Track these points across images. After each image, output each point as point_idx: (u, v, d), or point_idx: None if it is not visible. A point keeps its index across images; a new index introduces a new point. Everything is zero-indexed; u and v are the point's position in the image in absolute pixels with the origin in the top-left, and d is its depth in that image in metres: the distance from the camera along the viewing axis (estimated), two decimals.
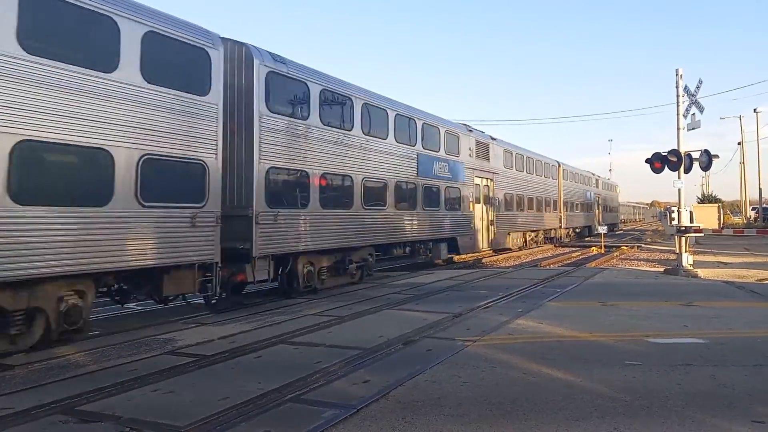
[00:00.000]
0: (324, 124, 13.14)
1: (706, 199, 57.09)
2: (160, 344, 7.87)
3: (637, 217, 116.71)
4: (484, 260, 25.37)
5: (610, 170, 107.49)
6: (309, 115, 12.67)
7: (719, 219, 40.44)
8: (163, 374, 6.31)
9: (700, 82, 18.12)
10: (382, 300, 11.68)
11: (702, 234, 19.70)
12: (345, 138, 13.93)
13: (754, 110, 48.55)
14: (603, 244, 31.06)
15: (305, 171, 12.44)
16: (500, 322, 8.97)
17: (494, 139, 24.38)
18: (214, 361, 6.89)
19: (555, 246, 34.50)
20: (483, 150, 22.81)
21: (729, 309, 10.20)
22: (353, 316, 9.86)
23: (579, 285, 14.03)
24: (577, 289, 13.35)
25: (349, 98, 14.24)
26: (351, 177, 14.05)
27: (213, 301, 10.27)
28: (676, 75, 18.07)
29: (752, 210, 57.36)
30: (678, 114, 17.87)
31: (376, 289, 13.72)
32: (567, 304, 10.99)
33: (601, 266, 21.66)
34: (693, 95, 17.88)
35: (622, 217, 76.08)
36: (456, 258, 22.34)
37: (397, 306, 10.92)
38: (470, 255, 23.61)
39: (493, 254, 27.68)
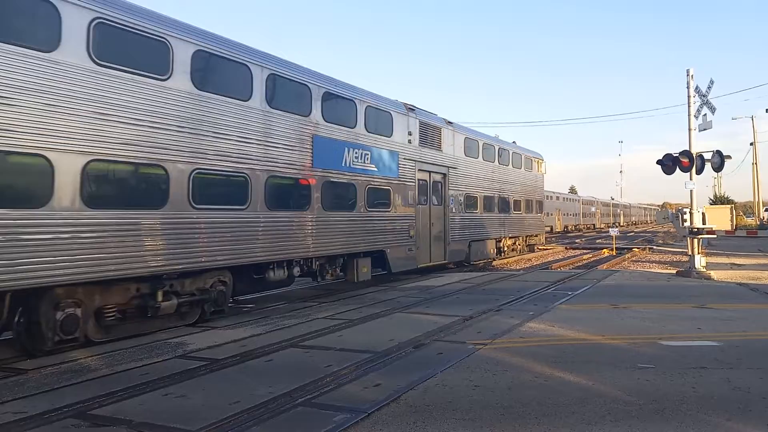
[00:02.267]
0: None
1: (719, 200, 56.71)
2: (171, 348, 7.89)
3: (648, 219, 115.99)
4: (494, 263, 25.28)
5: (621, 172, 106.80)
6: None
7: (732, 220, 40.12)
8: (175, 378, 6.32)
9: (712, 82, 18.00)
10: (392, 303, 11.66)
11: (715, 236, 19.56)
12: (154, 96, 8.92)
13: (766, 110, 48.24)
14: (614, 246, 30.89)
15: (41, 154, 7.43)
16: (512, 325, 8.92)
17: (450, 123, 19.28)
18: (225, 364, 6.90)
19: (566, 248, 34.32)
20: (432, 136, 17.75)
21: (743, 311, 10.10)
22: (363, 319, 9.85)
23: (591, 287, 13.94)
24: (588, 291, 13.27)
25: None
26: (163, 167, 9.00)
27: None
28: (687, 75, 17.96)
29: (765, 211, 56.86)
30: (689, 115, 17.74)
31: (386, 292, 13.70)
32: (579, 306, 10.92)
33: (613, 268, 21.53)
34: (704, 95, 17.75)
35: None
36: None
37: (407, 309, 10.89)
38: (480, 257, 22.77)
39: (503, 257, 27.57)
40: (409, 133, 16.31)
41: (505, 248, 24.10)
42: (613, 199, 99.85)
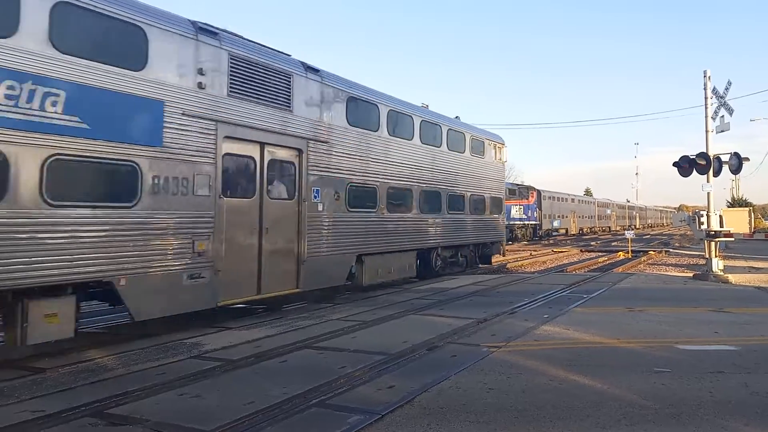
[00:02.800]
0: None
1: (737, 202, 56.02)
2: (187, 348, 7.95)
3: (664, 221, 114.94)
4: (508, 265, 25.19)
5: (636, 174, 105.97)
6: None
7: (750, 223, 39.58)
8: (190, 378, 6.37)
9: (729, 83, 17.82)
10: (406, 305, 11.65)
11: (732, 239, 19.35)
12: None
13: None
14: (630, 249, 30.64)
15: None
16: (526, 328, 8.89)
17: (315, 70, 12.33)
18: (240, 365, 6.94)
19: (581, 250, 34.11)
20: (267, 86, 10.96)
21: (761, 315, 9.98)
22: (377, 321, 9.86)
23: (606, 290, 13.85)
24: (604, 294, 13.18)
25: None
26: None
27: None
28: (704, 77, 17.80)
29: None
30: (706, 116, 17.58)
31: (400, 294, 13.69)
32: (594, 309, 10.85)
33: (628, 271, 21.37)
34: (722, 97, 17.58)
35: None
36: (480, 263, 21.79)
37: (421, 311, 10.88)
38: (494, 259, 22.29)
39: (518, 258, 27.44)
40: (200, 72, 9.36)
41: (440, 262, 17.44)
42: (628, 201, 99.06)
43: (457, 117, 19.20)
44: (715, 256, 17.01)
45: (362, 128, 13.65)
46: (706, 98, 17.63)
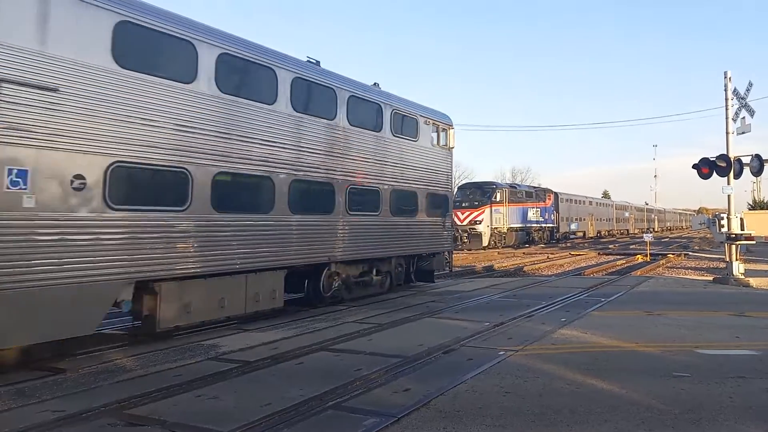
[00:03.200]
0: None
1: (758, 205, 55.17)
2: (204, 350, 8.01)
3: (684, 224, 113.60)
4: (525, 268, 25.07)
5: (655, 176, 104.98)
6: None
7: None
8: (207, 380, 6.42)
9: (750, 84, 17.60)
10: (422, 308, 11.64)
11: (754, 242, 19.07)
12: None
13: None
14: (649, 252, 30.34)
15: None
16: (543, 332, 8.83)
17: None
18: (257, 367, 6.98)
19: (599, 253, 33.84)
20: None
21: None
22: (393, 323, 9.85)
23: (624, 294, 13.72)
24: (622, 298, 13.06)
25: None
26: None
27: None
28: (725, 78, 17.58)
29: None
30: (727, 118, 17.36)
31: (416, 296, 13.68)
32: (612, 313, 10.75)
33: (647, 275, 21.14)
34: (743, 98, 17.35)
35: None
36: (496, 266, 21.75)
37: (436, 314, 10.87)
38: (510, 262, 22.21)
39: (535, 262, 27.31)
40: None
41: (337, 283, 12.29)
42: (647, 204, 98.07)
43: (375, 84, 14.08)
44: (736, 260, 16.78)
45: (151, 74, 8.24)
46: (726, 99, 17.41)
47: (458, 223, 40.39)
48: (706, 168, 16.98)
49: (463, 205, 41.24)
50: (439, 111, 15.95)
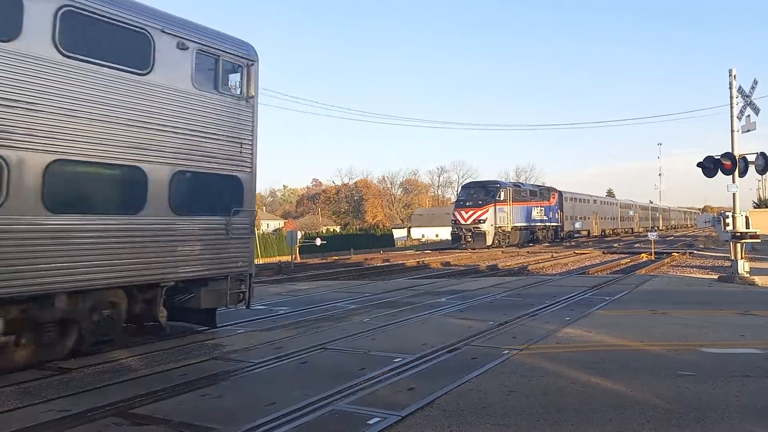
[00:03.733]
0: None
1: (763, 203, 54.95)
2: (209, 349, 8.03)
3: (688, 223, 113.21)
4: (529, 267, 25.04)
5: (659, 174, 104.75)
6: None
7: None
8: (212, 379, 6.44)
9: (755, 82, 17.50)
10: (426, 307, 11.64)
11: (759, 240, 18.99)
12: None
13: None
14: (653, 250, 30.26)
15: None
16: (547, 331, 8.82)
17: None
18: (261, 366, 6.99)
19: (603, 252, 33.78)
20: None
21: None
22: (397, 323, 9.86)
23: (629, 293, 13.69)
24: (626, 296, 13.03)
25: None
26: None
27: None
28: (730, 76, 17.51)
29: None
30: (732, 116, 17.29)
31: (420, 296, 13.69)
32: (616, 312, 10.73)
33: (652, 273, 21.09)
34: (748, 96, 17.27)
35: None
36: (500, 265, 21.73)
37: (440, 313, 10.87)
38: (514, 261, 22.23)
39: (539, 261, 27.29)
40: None
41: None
42: (651, 202, 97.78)
43: None
44: (741, 258, 16.72)
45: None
46: (731, 97, 17.35)
47: (462, 222, 40.39)
48: (711, 166, 16.92)
49: (467, 204, 41.25)
50: (228, 35, 9.57)
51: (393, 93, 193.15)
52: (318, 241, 40.12)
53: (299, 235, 35.19)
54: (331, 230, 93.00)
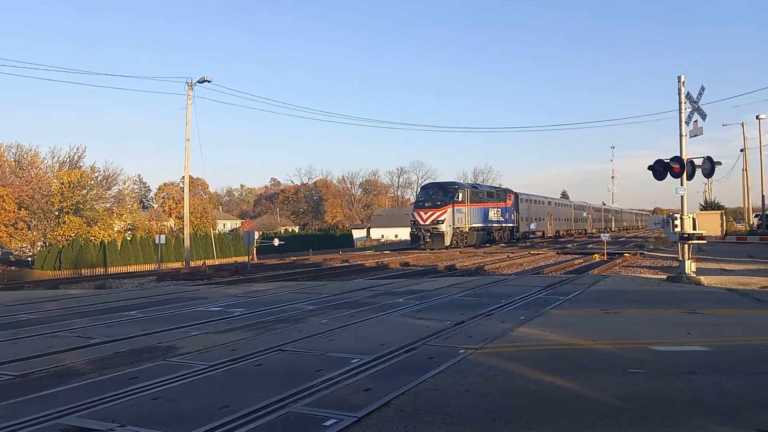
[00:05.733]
0: None
1: (709, 206, 57.01)
2: (162, 352, 7.85)
3: (640, 224, 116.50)
4: (486, 267, 25.33)
5: (612, 177, 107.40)
6: None
7: (722, 226, 40.36)
8: (165, 383, 6.28)
9: (702, 89, 18.10)
10: (384, 307, 11.65)
11: (705, 241, 19.68)
12: None
13: (757, 117, 48.55)
14: (606, 251, 31.01)
15: None
16: (503, 330, 8.93)
17: None
18: (216, 369, 6.87)
19: (557, 253, 34.44)
20: None
21: (732, 316, 10.16)
22: (355, 323, 9.83)
23: (582, 292, 13.99)
24: (579, 296, 13.31)
25: None
26: None
27: None
28: (679, 82, 18.05)
29: (755, 217, 57.31)
30: (680, 121, 17.84)
31: (379, 296, 13.69)
32: (570, 311, 10.95)
33: (604, 273, 21.60)
34: (695, 102, 17.84)
35: None
36: (458, 265, 21.93)
37: (398, 313, 10.89)
38: (472, 261, 22.53)
39: (495, 261, 27.64)
40: None
41: None
42: (604, 204, 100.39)
43: None
44: (688, 259, 17.27)
45: None
46: (680, 103, 17.89)
47: (421, 222, 40.63)
48: (660, 169, 17.43)
49: (426, 204, 41.52)
50: None
51: (354, 93, 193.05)
52: (276, 242, 39.75)
53: (256, 235, 34.74)
54: (290, 230, 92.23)
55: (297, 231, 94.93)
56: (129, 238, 51.09)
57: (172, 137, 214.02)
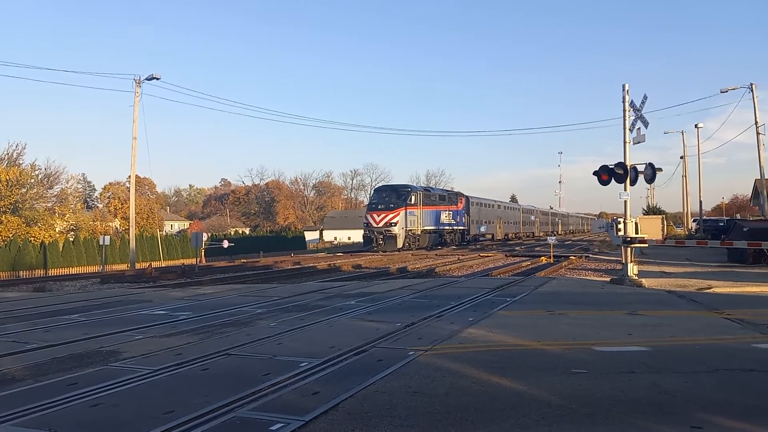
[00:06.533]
0: None
1: (651, 210, 59.08)
2: (104, 356, 7.61)
3: (585, 228, 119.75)
4: (437, 269, 25.56)
5: (560, 182, 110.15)
6: None
7: (663, 230, 41.86)
8: (106, 388, 6.09)
9: (645, 97, 18.75)
10: (335, 310, 11.61)
11: (647, 245, 20.33)
12: None
13: (696, 126, 50.71)
14: (552, 254, 31.72)
15: None
16: (452, 332, 9.03)
17: None
18: (160, 374, 6.70)
19: (506, 255, 35.05)
20: None
21: (671, 317, 10.53)
22: (304, 326, 9.76)
23: (528, 294, 14.27)
24: (526, 298, 13.57)
25: None
26: None
27: None
28: (623, 90, 18.65)
29: (694, 222, 59.74)
30: (624, 128, 18.43)
31: (330, 299, 13.64)
32: (517, 313, 11.15)
33: (550, 276, 22.10)
34: (638, 110, 18.45)
35: None
36: (410, 267, 22.11)
37: (349, 316, 10.87)
38: (423, 263, 22.79)
39: (446, 263, 27.92)
40: None
41: None
42: (552, 208, 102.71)
43: None
44: (631, 262, 17.83)
45: None
46: (624, 111, 18.48)
47: (374, 225, 40.69)
48: (605, 175, 17.94)
49: (379, 207, 41.63)
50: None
51: (307, 94, 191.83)
52: (225, 243, 39.05)
53: (205, 236, 34.10)
54: (240, 232, 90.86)
55: (248, 233, 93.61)
56: (72, 239, 49.32)
57: (118, 136, 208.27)
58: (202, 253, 35.14)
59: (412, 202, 42.06)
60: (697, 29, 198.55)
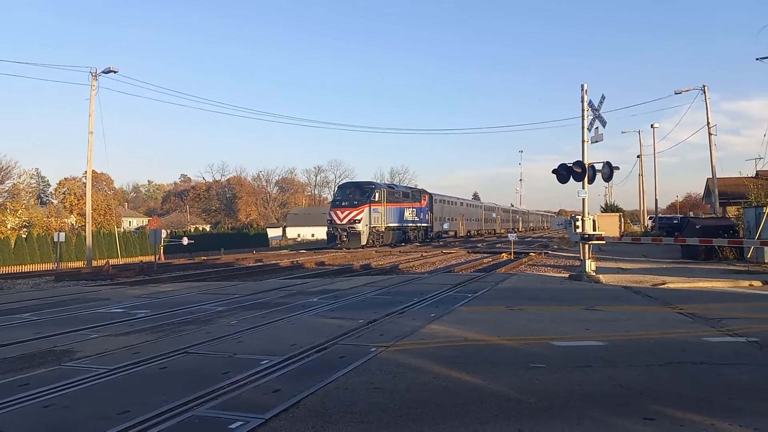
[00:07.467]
0: None
1: (609, 208, 60.41)
2: (57, 356, 7.41)
3: (545, 225, 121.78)
4: (400, 266, 25.66)
5: (520, 180, 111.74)
6: None
7: (620, 227, 42.81)
8: (59, 389, 5.93)
9: (603, 97, 19.15)
10: (297, 307, 11.55)
11: (604, 242, 20.77)
12: None
13: (651, 126, 52.17)
14: (513, 250, 32.16)
15: None
16: (413, 327, 9.07)
17: None
18: (116, 373, 6.56)
19: (468, 252, 35.39)
20: None
21: (627, 312, 10.80)
22: (265, 324, 9.68)
23: (489, 290, 14.44)
24: (487, 293, 13.74)
25: None
26: None
27: None
28: (582, 90, 19.02)
29: (649, 219, 61.40)
30: (583, 127, 18.79)
31: (292, 296, 13.55)
32: (477, 308, 11.27)
33: (511, 272, 22.40)
34: (596, 110, 18.84)
35: None
36: (373, 264, 22.11)
37: (312, 313, 10.82)
38: (387, 260, 22.78)
39: (410, 260, 28.06)
40: None
41: None
42: (512, 205, 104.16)
43: None
44: (589, 258, 18.22)
45: None
46: (583, 110, 18.84)
47: (338, 222, 40.58)
48: (564, 173, 18.29)
49: (343, 204, 41.52)
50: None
51: (270, 90, 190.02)
52: (185, 240, 38.47)
53: (164, 233, 33.46)
54: (201, 229, 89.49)
55: (208, 230, 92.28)
56: (24, 236, 47.82)
57: (75, 130, 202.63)
58: (161, 251, 34.48)
59: (376, 199, 42.08)
60: (653, 31, 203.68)
